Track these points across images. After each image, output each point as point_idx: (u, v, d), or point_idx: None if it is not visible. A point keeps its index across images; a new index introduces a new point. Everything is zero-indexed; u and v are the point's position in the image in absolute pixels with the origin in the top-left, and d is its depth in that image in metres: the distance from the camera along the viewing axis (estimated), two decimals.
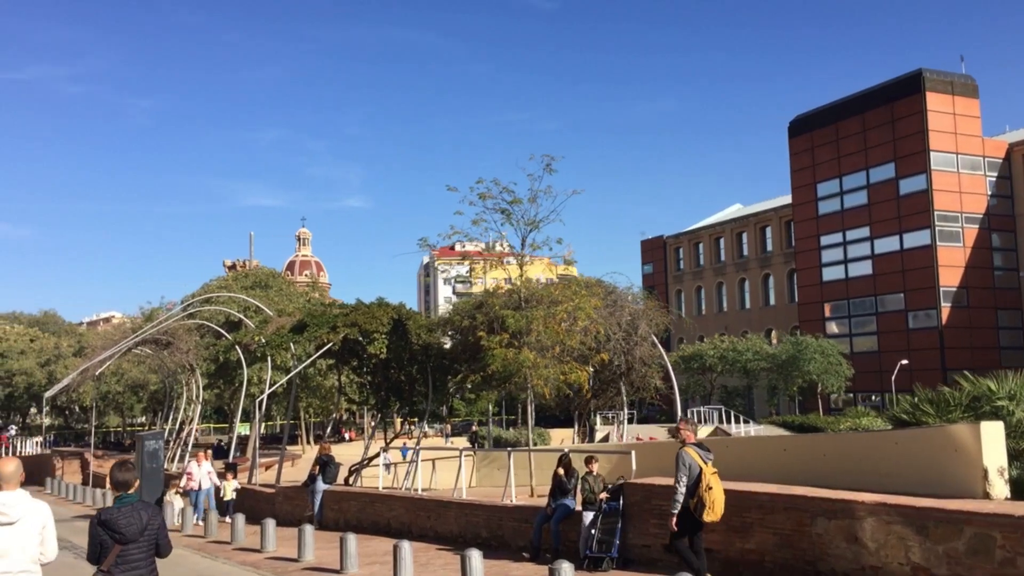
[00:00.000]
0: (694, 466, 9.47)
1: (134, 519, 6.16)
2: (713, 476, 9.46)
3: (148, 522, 6.23)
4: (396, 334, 26.80)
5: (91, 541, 6.21)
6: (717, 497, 9.36)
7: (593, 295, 19.62)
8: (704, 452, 9.68)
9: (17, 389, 69.91)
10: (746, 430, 42.18)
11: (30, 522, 5.92)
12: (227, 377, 42.34)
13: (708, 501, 9.31)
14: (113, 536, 6.10)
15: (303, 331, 26.79)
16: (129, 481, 6.37)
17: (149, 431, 25.62)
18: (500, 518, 14.57)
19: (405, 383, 29.60)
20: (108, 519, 6.14)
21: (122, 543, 6.10)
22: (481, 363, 19.14)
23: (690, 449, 9.60)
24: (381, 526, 17.47)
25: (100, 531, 6.13)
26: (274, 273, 44.62)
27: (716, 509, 9.36)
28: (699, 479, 9.41)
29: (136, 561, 6.17)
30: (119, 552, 6.10)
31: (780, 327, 73.34)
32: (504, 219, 18.58)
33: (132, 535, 6.14)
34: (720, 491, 9.45)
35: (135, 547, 6.15)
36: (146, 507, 6.35)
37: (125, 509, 6.18)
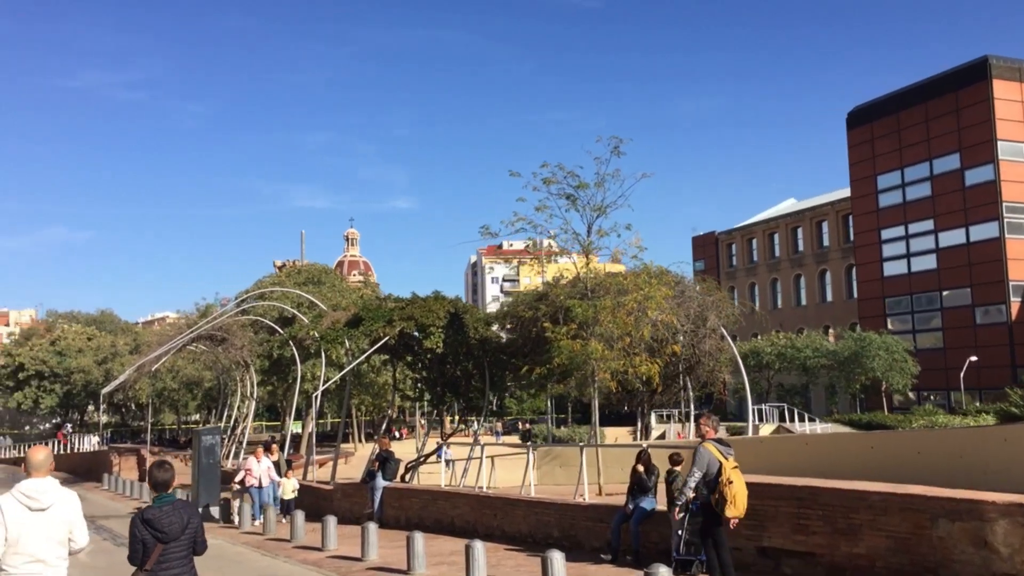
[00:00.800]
0: (713, 461, 9.40)
1: (176, 518, 6.21)
2: (734, 471, 9.36)
3: (188, 521, 6.30)
4: (452, 328, 26.20)
5: (132, 540, 6.21)
6: (738, 491, 9.27)
7: (663, 284, 18.72)
8: (724, 448, 9.60)
9: (75, 387, 71.00)
10: (811, 428, 40.78)
11: (60, 510, 6.00)
12: (280, 374, 42.15)
13: (729, 496, 9.24)
14: (156, 535, 6.14)
15: (358, 325, 26.31)
16: (168, 481, 6.40)
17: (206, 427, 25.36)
18: (573, 517, 13.78)
19: (461, 378, 29.00)
20: (151, 518, 6.17)
21: (164, 542, 6.16)
22: (546, 355, 18.37)
23: (709, 444, 9.54)
24: (444, 525, 16.80)
25: (143, 530, 6.17)
26: (326, 269, 44.30)
27: (738, 504, 9.27)
28: (719, 474, 9.35)
29: (177, 560, 6.23)
30: (161, 551, 6.15)
31: (837, 324, 71.29)
32: (569, 205, 17.82)
33: (174, 534, 6.19)
34: (742, 486, 9.33)
35: (176, 546, 6.22)
36: (185, 506, 6.43)
37: (167, 508, 6.23)
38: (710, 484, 9.44)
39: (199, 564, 7.29)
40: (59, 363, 71.57)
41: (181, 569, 6.24)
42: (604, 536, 13.01)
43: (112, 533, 20.34)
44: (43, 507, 5.94)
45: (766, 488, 10.70)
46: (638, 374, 17.36)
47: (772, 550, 10.61)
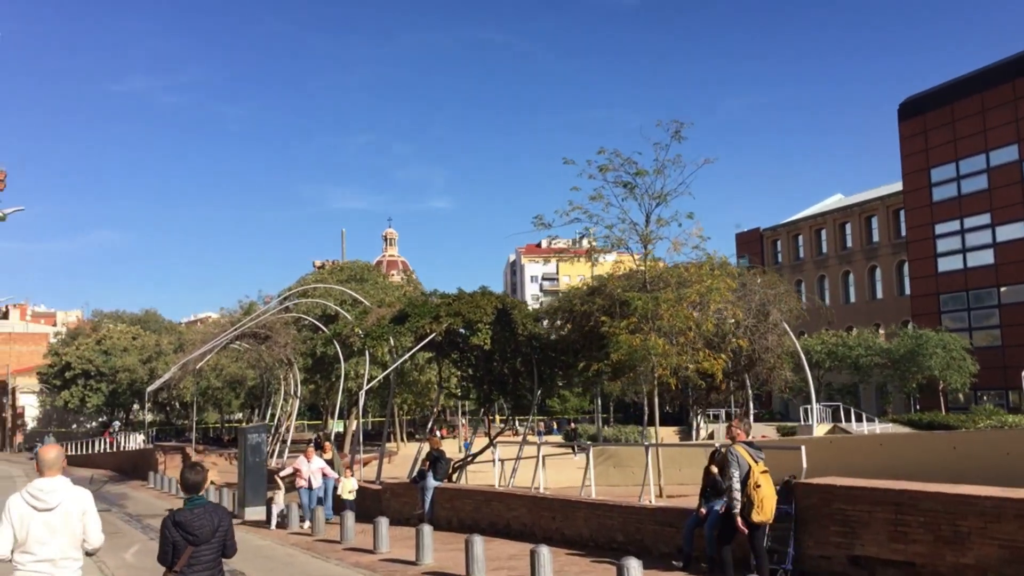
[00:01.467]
0: (743, 463, 9.35)
1: (207, 521, 6.22)
2: (763, 475, 9.32)
3: (219, 524, 6.30)
4: (500, 324, 25.54)
5: (163, 542, 6.23)
6: (766, 496, 9.25)
7: (727, 275, 17.84)
8: (754, 451, 9.55)
9: (120, 385, 71.61)
10: (869, 428, 39.46)
11: (70, 509, 5.95)
12: (324, 372, 41.82)
13: (756, 500, 9.20)
14: (187, 537, 6.14)
15: (404, 322, 25.75)
16: (200, 483, 6.42)
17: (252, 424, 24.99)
18: (639, 521, 13.01)
19: (508, 376, 28.31)
20: (183, 520, 6.18)
21: (195, 544, 6.15)
22: (602, 351, 17.62)
23: (740, 447, 9.50)
24: (499, 527, 16.12)
25: (174, 532, 6.17)
26: (368, 266, 43.85)
27: (765, 509, 9.25)
28: (747, 477, 9.32)
29: (207, 562, 6.23)
30: (191, 553, 6.15)
31: (888, 321, 69.39)
32: (627, 193, 16.99)
33: (205, 536, 6.19)
34: (770, 490, 9.31)
35: (206, 548, 6.22)
36: (216, 509, 6.43)
37: (198, 511, 6.24)
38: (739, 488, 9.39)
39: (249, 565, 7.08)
40: (104, 362, 72.27)
41: (211, 572, 6.26)
42: (674, 541, 12.24)
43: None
44: (49, 507, 5.91)
45: (859, 492, 9.86)
46: (700, 370, 16.52)
47: (866, 559, 9.76)
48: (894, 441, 18.97)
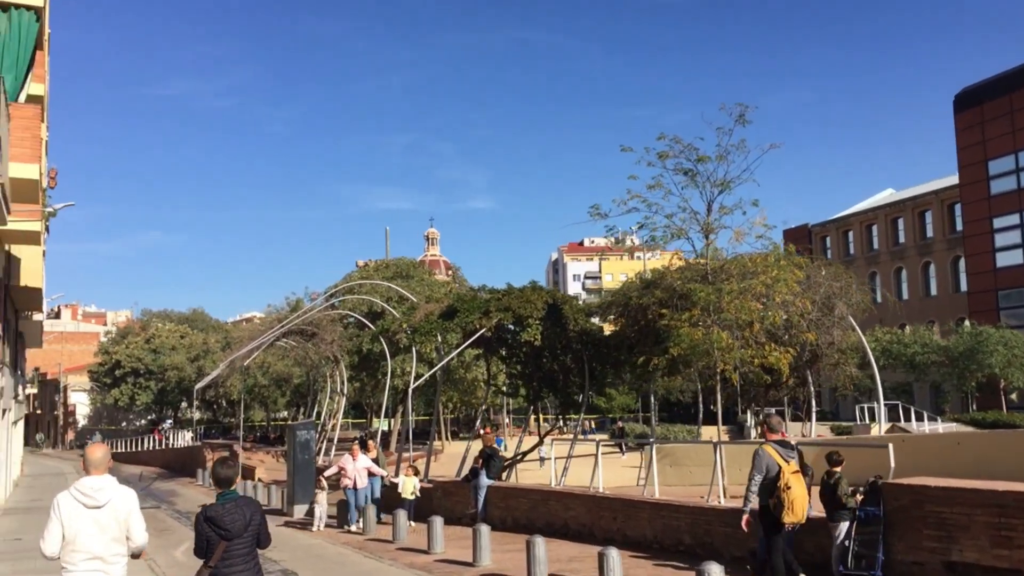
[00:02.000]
0: (772, 464, 9.09)
1: (238, 515, 6.22)
2: (794, 476, 9.07)
3: (251, 518, 6.30)
4: (550, 320, 25.01)
5: (198, 537, 6.28)
6: (796, 497, 8.97)
7: (795, 265, 17.04)
8: (785, 450, 9.23)
9: (169, 383, 72.42)
10: (931, 428, 38.15)
11: (117, 507, 6.01)
12: (370, 369, 41.63)
13: (786, 501, 8.97)
14: (219, 532, 6.15)
15: (453, 317, 25.33)
16: (232, 478, 6.45)
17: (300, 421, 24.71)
18: (708, 522, 12.36)
19: (558, 373, 27.77)
20: (214, 516, 6.18)
21: (227, 539, 6.17)
22: (660, 346, 16.96)
23: (768, 447, 9.21)
24: (556, 527, 15.56)
25: (206, 527, 6.19)
26: (414, 263, 43.52)
27: (796, 510, 9.00)
28: (777, 478, 9.05)
29: (241, 556, 6.24)
30: (225, 548, 6.17)
31: (943, 318, 67.45)
32: (688, 181, 16.29)
33: (237, 531, 6.20)
34: (801, 491, 9.02)
35: (240, 542, 6.23)
36: (248, 503, 6.42)
37: (229, 505, 6.25)
38: (768, 488, 9.14)
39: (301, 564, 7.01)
40: (154, 360, 73.16)
41: (245, 565, 6.26)
42: (746, 545, 11.56)
43: None
44: (98, 504, 5.95)
45: (957, 493, 9.12)
46: (765, 365, 15.78)
47: (964, 566, 9.03)
48: (973, 440, 18.04)
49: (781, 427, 9.62)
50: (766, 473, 9.11)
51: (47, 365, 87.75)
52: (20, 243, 23.28)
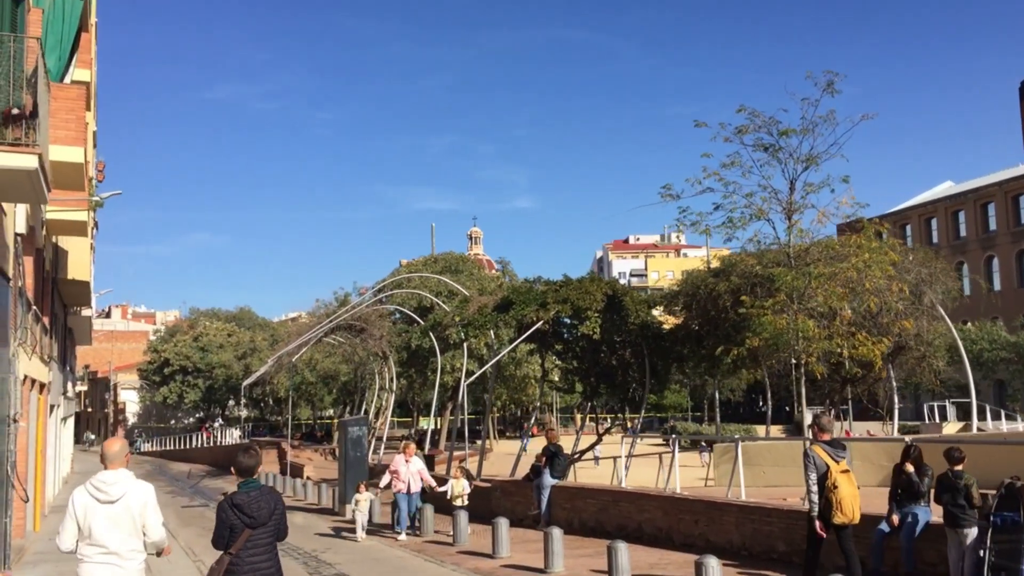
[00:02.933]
0: (820, 464, 8.95)
1: (264, 504, 6.19)
2: (842, 475, 8.90)
3: (275, 507, 6.26)
4: (609, 312, 23.91)
5: (219, 525, 6.19)
6: (844, 496, 8.82)
7: (889, 247, 15.69)
8: (834, 450, 9.06)
9: (217, 381, 72.52)
10: (1010, 427, 36.25)
11: (132, 501, 5.95)
12: (419, 366, 40.79)
13: (835, 501, 8.81)
14: (244, 520, 6.10)
15: (508, 310, 24.31)
16: (254, 467, 6.39)
17: (352, 417, 23.89)
18: (804, 527, 11.13)
19: (617, 368, 26.64)
20: (241, 503, 6.13)
21: (252, 527, 6.10)
22: (740, 335, 15.76)
23: (817, 447, 9.09)
24: (628, 530, 14.44)
25: (232, 514, 6.13)
26: (463, 257, 42.60)
27: (845, 510, 8.83)
28: (825, 477, 8.92)
29: (264, 545, 6.18)
30: (248, 536, 6.09)
31: (1008, 314, 64.80)
32: (768, 158, 15.05)
33: (262, 519, 6.16)
34: (849, 490, 8.85)
35: (263, 531, 6.17)
36: (271, 492, 6.40)
37: (255, 494, 6.20)
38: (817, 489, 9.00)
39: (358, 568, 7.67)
40: (201, 359, 73.33)
41: (267, 555, 6.20)
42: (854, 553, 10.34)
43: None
44: (112, 499, 5.90)
45: None
46: (856, 357, 14.49)
47: None
48: None
49: (831, 427, 9.42)
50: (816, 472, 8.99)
51: (97, 363, 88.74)
52: (67, 234, 22.79)
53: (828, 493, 8.86)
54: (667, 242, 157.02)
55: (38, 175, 9.64)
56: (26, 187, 10.15)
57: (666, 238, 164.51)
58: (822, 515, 8.96)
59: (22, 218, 13.37)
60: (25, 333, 14.68)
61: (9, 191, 10.42)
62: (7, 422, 12.78)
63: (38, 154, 9.41)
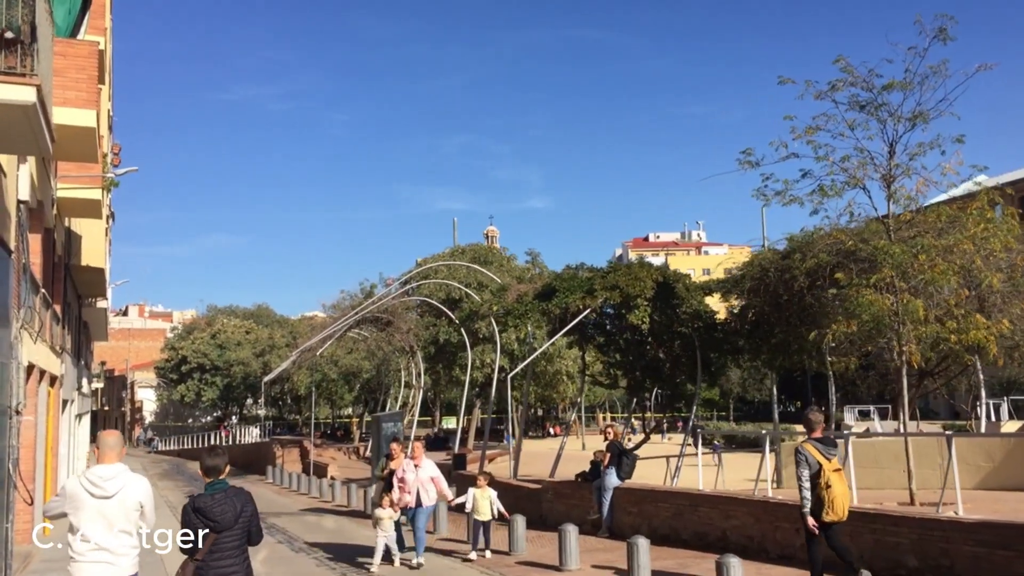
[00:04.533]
0: (813, 462, 8.93)
1: (228, 506, 5.90)
2: (834, 473, 8.87)
3: (242, 509, 5.95)
4: (658, 301, 22.20)
5: (183, 528, 5.92)
6: (837, 495, 8.77)
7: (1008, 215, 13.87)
8: (826, 447, 9.02)
9: (235, 379, 71.18)
10: None
11: (127, 497, 5.76)
12: (446, 361, 39.10)
13: (827, 499, 8.75)
14: (208, 524, 5.83)
15: (551, 297, 22.57)
16: (220, 467, 6.11)
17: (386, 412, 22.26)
18: (946, 538, 9.38)
19: (664, 361, 24.89)
20: (202, 506, 5.87)
21: (216, 531, 5.83)
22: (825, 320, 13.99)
23: (808, 444, 9.04)
24: (710, 539, 12.71)
25: (194, 518, 5.87)
26: (492, 248, 40.83)
27: (836, 508, 8.77)
28: (818, 475, 8.86)
29: (230, 550, 5.89)
30: (214, 540, 5.83)
31: None
32: (864, 118, 13.26)
33: (227, 523, 5.88)
34: (841, 489, 8.86)
35: (229, 535, 5.88)
36: (239, 493, 6.08)
37: (219, 496, 5.92)
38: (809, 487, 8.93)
39: None
40: (219, 356, 72.01)
41: (234, 560, 5.90)
42: (1012, 569, 8.59)
43: (287, 535, 17.39)
44: (107, 495, 5.69)
45: None
46: (966, 342, 12.69)
47: None
48: None
49: (820, 423, 9.24)
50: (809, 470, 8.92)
51: (114, 361, 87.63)
52: (80, 215, 21.25)
53: (820, 491, 8.77)
54: (688, 240, 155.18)
55: (36, 113, 8.01)
56: (23, 129, 8.52)
57: (686, 236, 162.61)
58: (813, 512, 8.84)
59: (26, 183, 11.79)
60: (31, 315, 13.09)
61: (3, 137, 8.79)
62: (8, 414, 11.19)
63: (36, 85, 7.77)
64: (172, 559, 6.99)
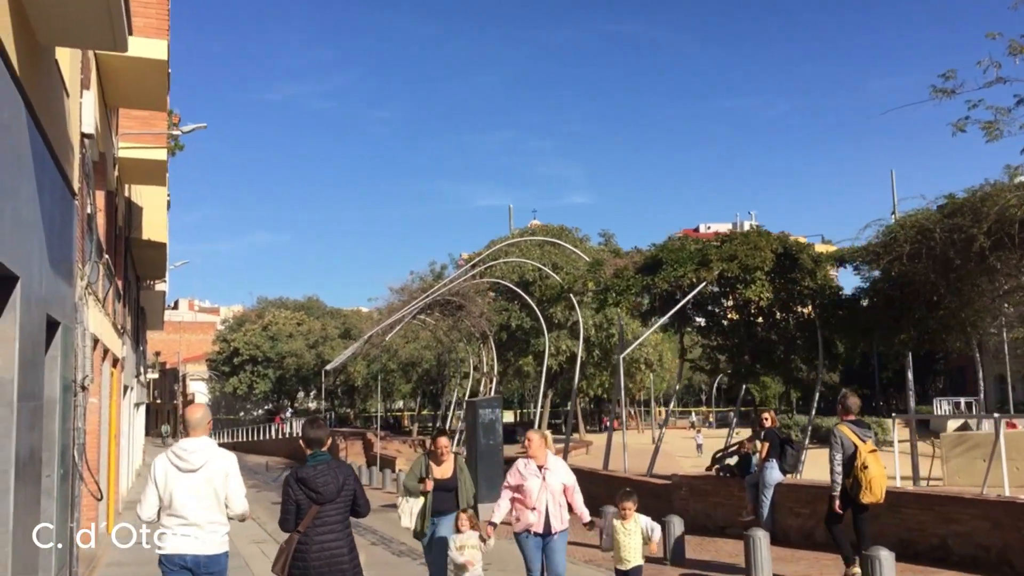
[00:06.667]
0: (848, 443, 8.80)
1: (331, 477, 5.80)
2: (871, 455, 8.72)
3: (344, 481, 5.84)
4: (776, 274, 19.76)
5: (285, 502, 5.84)
6: (874, 476, 8.61)
7: None
8: (861, 430, 8.93)
9: (288, 371, 69.82)
10: None
11: (213, 471, 5.76)
12: (518, 348, 36.86)
13: (864, 481, 8.61)
14: (310, 495, 5.73)
15: (657, 271, 20.21)
16: (322, 438, 5.99)
17: (483, 397, 20.12)
18: None
19: (778, 343, 22.41)
20: (306, 476, 5.77)
21: (319, 503, 5.72)
22: None
23: (843, 426, 8.94)
24: (920, 548, 10.28)
25: (297, 489, 5.77)
26: (564, 228, 38.48)
27: (874, 489, 8.63)
28: (854, 457, 8.70)
29: (334, 523, 5.75)
30: (316, 513, 5.69)
31: None
32: None
33: (330, 494, 5.75)
34: (878, 470, 8.66)
35: (332, 508, 5.76)
36: (341, 466, 6.00)
37: (321, 467, 5.82)
38: (844, 468, 8.83)
39: None
40: (271, 348, 70.73)
41: (338, 534, 5.75)
42: None
43: (378, 534, 15.35)
44: (193, 467, 5.70)
45: None
46: None
47: None
48: None
49: (856, 407, 9.16)
50: (843, 452, 8.84)
51: (165, 354, 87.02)
52: (142, 181, 19.36)
53: (857, 473, 8.66)
54: (740, 230, 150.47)
55: None
56: (96, 8, 6.40)
57: (738, 226, 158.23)
58: (847, 494, 8.80)
59: (90, 112, 9.78)
60: (96, 273, 11.08)
61: (72, 21, 6.69)
62: (72, 389, 9.17)
63: None
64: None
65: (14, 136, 6.01)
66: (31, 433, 6.98)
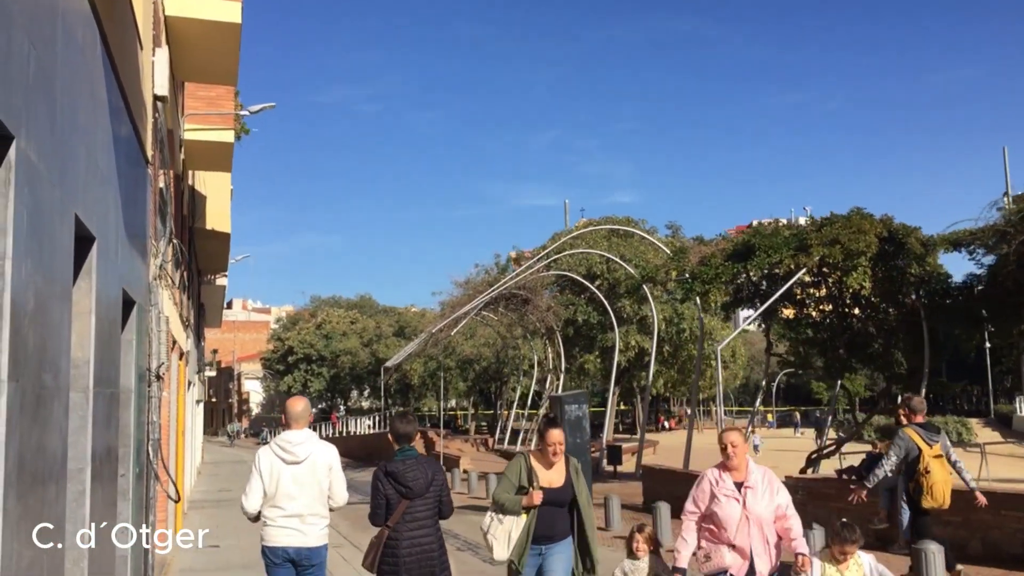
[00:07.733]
0: (912, 447, 8.61)
1: (419, 472, 5.75)
2: (935, 460, 8.53)
3: (433, 477, 5.79)
4: (878, 260, 18.29)
5: (374, 495, 5.77)
6: (936, 481, 8.45)
7: None
8: (928, 433, 8.71)
9: (342, 370, 69.43)
10: None
11: (317, 462, 5.84)
12: (584, 344, 35.62)
13: (925, 486, 8.46)
14: (399, 490, 5.68)
15: (749, 257, 18.89)
16: (411, 433, 6.01)
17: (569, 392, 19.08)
18: None
19: (876, 336, 20.90)
20: (396, 471, 5.75)
21: (409, 498, 5.66)
22: None
23: (909, 429, 8.76)
24: None
25: (386, 483, 5.74)
26: (630, 219, 37.03)
27: (936, 495, 8.48)
28: (917, 461, 8.55)
29: (423, 519, 5.68)
30: (406, 507, 5.63)
31: None
32: None
33: (419, 489, 5.69)
34: (942, 475, 8.48)
35: (421, 503, 5.70)
36: (429, 461, 5.91)
37: (410, 461, 5.79)
38: (908, 472, 8.68)
39: None
40: (325, 346, 70.43)
41: (429, 529, 5.70)
42: None
43: (463, 539, 14.25)
44: (298, 460, 5.79)
45: None
46: None
47: None
48: None
49: (923, 409, 8.93)
50: (905, 456, 8.65)
51: (220, 353, 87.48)
52: (206, 167, 18.53)
53: (919, 477, 8.49)
54: None
55: None
56: None
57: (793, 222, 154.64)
58: (912, 499, 8.66)
59: (163, 72, 8.82)
60: (167, 252, 10.14)
61: None
62: (146, 378, 8.20)
63: None
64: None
65: (89, 63, 4.98)
66: (108, 425, 5.99)
